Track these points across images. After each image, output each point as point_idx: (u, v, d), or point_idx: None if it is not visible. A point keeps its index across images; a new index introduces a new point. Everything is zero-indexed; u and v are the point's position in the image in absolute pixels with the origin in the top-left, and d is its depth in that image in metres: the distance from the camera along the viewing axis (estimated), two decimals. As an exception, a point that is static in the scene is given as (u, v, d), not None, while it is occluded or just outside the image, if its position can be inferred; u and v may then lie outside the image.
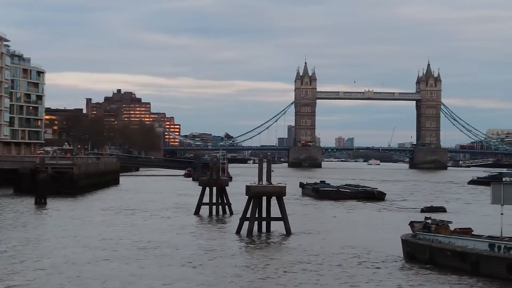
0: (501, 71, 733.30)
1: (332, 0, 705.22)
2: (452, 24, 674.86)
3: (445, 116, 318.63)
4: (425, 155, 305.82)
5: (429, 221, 38.76)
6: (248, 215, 48.27)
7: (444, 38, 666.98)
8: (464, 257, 33.20)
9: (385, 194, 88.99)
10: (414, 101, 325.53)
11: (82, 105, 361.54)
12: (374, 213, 69.45)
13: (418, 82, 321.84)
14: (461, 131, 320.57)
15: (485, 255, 32.35)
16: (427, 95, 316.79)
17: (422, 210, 67.08)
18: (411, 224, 39.32)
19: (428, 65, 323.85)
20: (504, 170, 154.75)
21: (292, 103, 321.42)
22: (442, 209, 69.06)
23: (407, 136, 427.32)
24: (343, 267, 35.45)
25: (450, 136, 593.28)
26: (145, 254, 39.31)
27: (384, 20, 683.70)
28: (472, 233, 37.08)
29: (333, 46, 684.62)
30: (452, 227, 38.27)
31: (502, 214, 34.50)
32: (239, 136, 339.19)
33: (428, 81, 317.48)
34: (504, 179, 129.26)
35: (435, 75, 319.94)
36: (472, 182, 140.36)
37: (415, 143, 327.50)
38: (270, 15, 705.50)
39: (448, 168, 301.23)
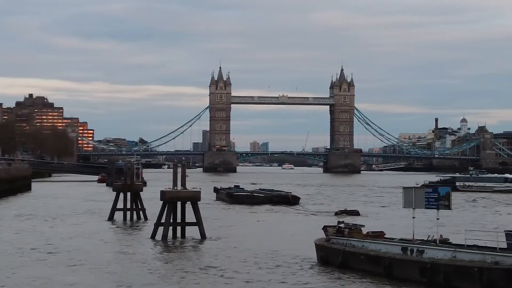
0: (414, 77, 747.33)
1: (247, 5, 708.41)
2: (365, 29, 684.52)
3: (358, 120, 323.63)
4: (338, 159, 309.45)
5: (342, 225, 39.09)
6: (163, 220, 47.95)
7: (357, 44, 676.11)
8: (378, 260, 33.57)
9: (299, 198, 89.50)
10: (328, 106, 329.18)
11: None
12: (288, 217, 69.74)
13: (332, 87, 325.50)
14: (374, 135, 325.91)
15: (398, 259, 32.77)
16: (340, 100, 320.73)
17: (336, 214, 67.68)
18: (325, 228, 39.53)
19: (342, 70, 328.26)
20: (457, 174, 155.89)
21: (207, 108, 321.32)
22: (355, 213, 69.77)
23: (321, 140, 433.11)
24: (257, 271, 35.44)
25: (363, 141, 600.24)
26: (57, 260, 38.66)
27: (299, 26, 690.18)
28: (385, 236, 37.58)
29: (248, 51, 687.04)
30: (365, 230, 38.67)
31: (413, 217, 35.01)
32: (153, 141, 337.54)
33: (342, 86, 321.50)
34: (457, 183, 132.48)
35: (349, 80, 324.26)
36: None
37: (329, 147, 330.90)
38: (185, 20, 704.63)
39: (361, 172, 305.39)
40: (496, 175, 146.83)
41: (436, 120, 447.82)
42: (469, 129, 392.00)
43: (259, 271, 35.46)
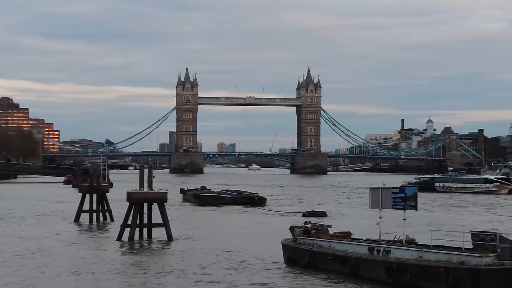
0: (380, 78, 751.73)
1: (215, 6, 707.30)
2: (332, 31, 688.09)
3: (325, 121, 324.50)
4: (305, 160, 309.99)
5: (309, 225, 39.10)
6: (129, 221, 47.66)
7: (325, 45, 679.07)
8: (344, 260, 33.64)
9: (266, 199, 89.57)
10: (295, 107, 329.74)
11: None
12: (255, 218, 69.70)
13: (299, 88, 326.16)
14: (341, 136, 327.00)
15: (365, 259, 32.86)
16: (307, 101, 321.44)
17: (303, 215, 67.67)
18: (291, 228, 39.54)
19: (309, 71, 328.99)
20: (436, 175, 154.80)
21: (173, 109, 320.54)
22: (323, 214, 69.85)
23: (288, 141, 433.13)
24: (224, 272, 35.32)
25: (330, 142, 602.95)
26: (22, 262, 38.22)
27: (266, 27, 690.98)
28: (352, 237, 37.68)
29: (215, 52, 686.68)
30: (331, 231, 38.73)
31: (380, 218, 35.11)
32: (120, 142, 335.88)
33: (308, 87, 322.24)
34: (436, 184, 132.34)
35: (315, 81, 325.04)
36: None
37: (296, 148, 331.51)
38: (152, 21, 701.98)
39: (328, 172, 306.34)
40: (475, 176, 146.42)
41: (403, 121, 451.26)
42: (435, 130, 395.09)
43: (226, 272, 35.33)
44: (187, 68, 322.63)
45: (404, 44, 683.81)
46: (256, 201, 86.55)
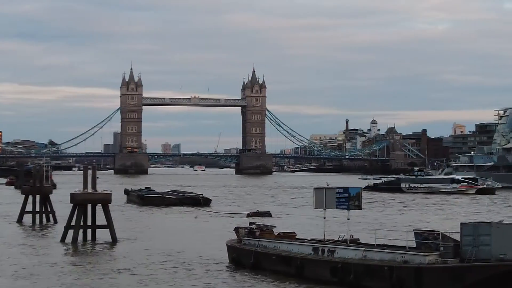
0: (325, 78, 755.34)
1: (159, 6, 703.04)
2: (277, 32, 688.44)
3: (270, 122, 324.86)
4: (250, 161, 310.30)
5: (253, 226, 39.09)
6: (73, 223, 47.19)
7: (270, 46, 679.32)
8: (289, 261, 33.69)
9: (211, 200, 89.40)
10: (240, 107, 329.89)
11: None
12: (200, 219, 69.45)
13: (244, 88, 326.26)
14: (286, 136, 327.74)
15: (309, 259, 32.96)
16: (252, 101, 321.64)
17: (248, 215, 67.69)
18: (236, 229, 39.51)
19: (254, 72, 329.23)
20: (401, 175, 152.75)
21: (118, 109, 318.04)
22: (267, 214, 69.95)
23: (233, 142, 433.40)
24: (168, 273, 35.14)
25: (275, 142, 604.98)
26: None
27: (211, 27, 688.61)
28: (296, 237, 37.76)
29: (160, 52, 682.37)
30: (276, 231, 38.78)
31: (324, 218, 35.26)
32: (63, 143, 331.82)
33: (253, 87, 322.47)
34: (402, 185, 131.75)
35: (260, 81, 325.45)
36: (367, 188, 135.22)
37: (241, 148, 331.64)
38: (97, 20, 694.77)
39: (273, 173, 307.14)
40: (442, 176, 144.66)
41: (347, 121, 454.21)
42: (379, 130, 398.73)
43: (170, 274, 35.15)
44: (131, 69, 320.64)
45: (347, 45, 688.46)
46: (200, 202, 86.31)
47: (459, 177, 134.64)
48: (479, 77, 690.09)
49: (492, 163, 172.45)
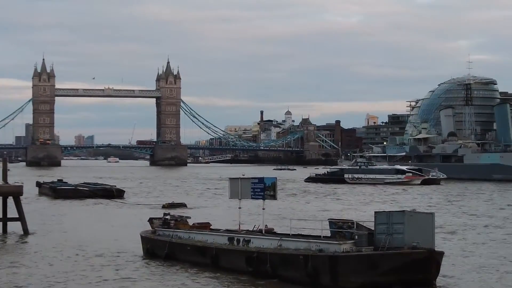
0: (240, 70, 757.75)
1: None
2: (192, 23, 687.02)
3: (185, 113, 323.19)
4: (165, 152, 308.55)
5: (168, 217, 38.79)
6: (-17, 216, 46.05)
7: (184, 37, 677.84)
8: (204, 251, 33.50)
9: (124, 191, 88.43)
10: (154, 99, 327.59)
11: None
12: (113, 210, 68.77)
13: (158, 79, 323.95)
14: (201, 128, 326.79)
15: (225, 249, 32.80)
16: (166, 92, 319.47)
17: (163, 206, 67.19)
18: (151, 220, 39.14)
19: (168, 63, 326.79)
20: (344, 166, 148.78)
21: (30, 101, 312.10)
22: (182, 205, 69.66)
23: (148, 133, 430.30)
24: (80, 266, 34.48)
25: (190, 133, 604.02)
26: None
27: (124, 18, 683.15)
28: (211, 227, 37.60)
29: (73, 43, 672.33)
30: (191, 222, 38.55)
31: (239, 208, 35.14)
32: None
33: (168, 78, 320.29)
34: (345, 176, 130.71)
35: (175, 73, 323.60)
36: (309, 179, 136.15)
37: (155, 140, 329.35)
38: (8, 11, 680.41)
39: (188, 164, 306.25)
40: (386, 166, 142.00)
41: (262, 112, 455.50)
42: (293, 121, 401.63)
43: (83, 266, 34.53)
44: (43, 59, 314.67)
45: (261, 37, 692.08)
46: (114, 193, 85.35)
47: (404, 167, 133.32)
48: (391, 69, 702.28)
49: (404, 153, 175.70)
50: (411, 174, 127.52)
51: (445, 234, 46.31)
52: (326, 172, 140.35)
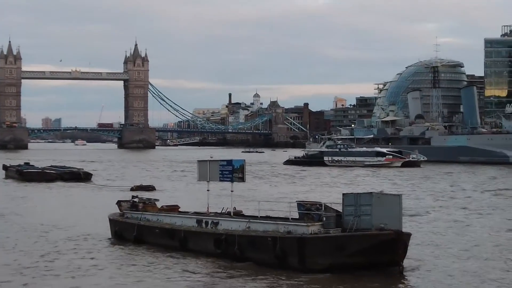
0: (207, 53, 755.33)
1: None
2: (159, 5, 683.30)
3: (153, 96, 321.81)
4: (133, 135, 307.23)
5: (136, 199, 38.69)
6: None
7: (152, 20, 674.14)
8: (172, 234, 33.45)
9: (92, 174, 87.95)
10: (122, 81, 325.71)
11: None
12: (81, 193, 68.39)
13: (126, 62, 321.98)
14: (169, 110, 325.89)
15: (193, 231, 32.79)
16: (134, 75, 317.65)
17: (132, 189, 66.92)
18: (119, 203, 38.99)
19: (136, 45, 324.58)
20: (324, 148, 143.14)
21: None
22: (151, 188, 69.48)
23: (116, 116, 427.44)
24: (47, 249, 34.22)
25: (158, 116, 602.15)
26: None
27: (92, 0, 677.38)
28: (179, 210, 37.58)
29: (40, 25, 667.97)
30: (159, 204, 38.48)
31: (208, 190, 35.13)
32: None
33: (136, 61, 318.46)
34: (325, 158, 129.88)
35: (143, 55, 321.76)
36: (288, 162, 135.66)
37: (123, 123, 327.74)
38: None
39: (156, 147, 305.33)
40: (365, 148, 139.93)
41: (230, 95, 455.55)
42: (261, 104, 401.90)
43: (51, 248, 34.30)
44: (9, 42, 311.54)
45: (229, 19, 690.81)
46: (81, 176, 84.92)
47: (384, 150, 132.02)
48: (359, 51, 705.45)
49: (372, 136, 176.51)
50: (391, 156, 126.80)
51: (413, 216, 46.63)
52: (305, 155, 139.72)
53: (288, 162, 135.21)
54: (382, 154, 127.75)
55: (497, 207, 54.07)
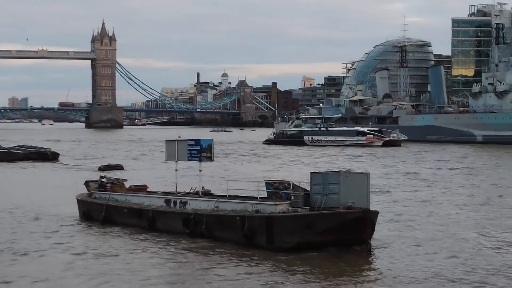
0: (174, 31, 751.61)
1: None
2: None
3: (121, 75, 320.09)
4: (100, 115, 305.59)
5: (104, 180, 38.49)
6: None
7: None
8: (141, 213, 33.38)
9: (59, 154, 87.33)
10: (90, 60, 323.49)
11: None
12: (49, 173, 68.00)
13: (93, 41, 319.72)
14: (137, 90, 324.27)
15: (162, 211, 32.75)
16: (102, 54, 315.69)
17: (100, 169, 66.61)
18: (87, 183, 38.77)
19: (103, 24, 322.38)
20: (304, 128, 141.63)
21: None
22: (119, 167, 69.26)
23: (83, 95, 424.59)
24: (14, 229, 33.98)
25: (126, 95, 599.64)
26: None
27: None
28: (148, 190, 37.49)
29: (5, 3, 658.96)
30: (127, 184, 38.33)
31: (176, 170, 35.05)
32: None
33: (103, 40, 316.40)
34: (305, 138, 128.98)
35: (110, 34, 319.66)
36: (268, 141, 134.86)
37: (91, 102, 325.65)
38: None
39: (124, 127, 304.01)
40: (345, 128, 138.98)
41: (198, 74, 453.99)
42: (229, 83, 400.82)
43: (17, 229, 34.05)
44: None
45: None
46: (48, 156, 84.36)
47: (364, 129, 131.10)
48: (327, 30, 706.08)
49: (340, 115, 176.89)
50: (372, 136, 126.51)
51: (382, 194, 46.92)
52: (286, 134, 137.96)
53: (268, 142, 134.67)
54: (363, 134, 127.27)
55: (463, 185, 54.58)
